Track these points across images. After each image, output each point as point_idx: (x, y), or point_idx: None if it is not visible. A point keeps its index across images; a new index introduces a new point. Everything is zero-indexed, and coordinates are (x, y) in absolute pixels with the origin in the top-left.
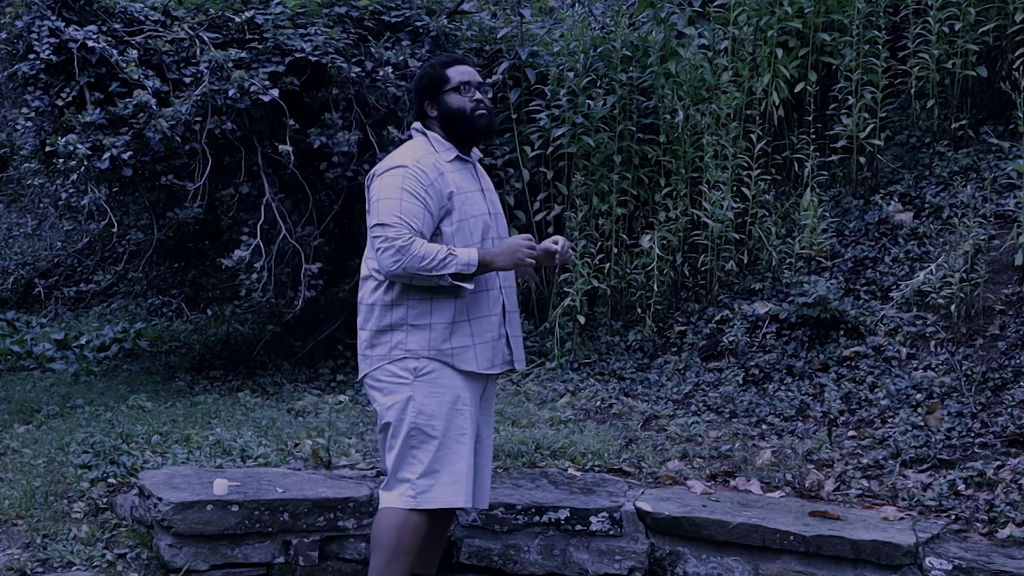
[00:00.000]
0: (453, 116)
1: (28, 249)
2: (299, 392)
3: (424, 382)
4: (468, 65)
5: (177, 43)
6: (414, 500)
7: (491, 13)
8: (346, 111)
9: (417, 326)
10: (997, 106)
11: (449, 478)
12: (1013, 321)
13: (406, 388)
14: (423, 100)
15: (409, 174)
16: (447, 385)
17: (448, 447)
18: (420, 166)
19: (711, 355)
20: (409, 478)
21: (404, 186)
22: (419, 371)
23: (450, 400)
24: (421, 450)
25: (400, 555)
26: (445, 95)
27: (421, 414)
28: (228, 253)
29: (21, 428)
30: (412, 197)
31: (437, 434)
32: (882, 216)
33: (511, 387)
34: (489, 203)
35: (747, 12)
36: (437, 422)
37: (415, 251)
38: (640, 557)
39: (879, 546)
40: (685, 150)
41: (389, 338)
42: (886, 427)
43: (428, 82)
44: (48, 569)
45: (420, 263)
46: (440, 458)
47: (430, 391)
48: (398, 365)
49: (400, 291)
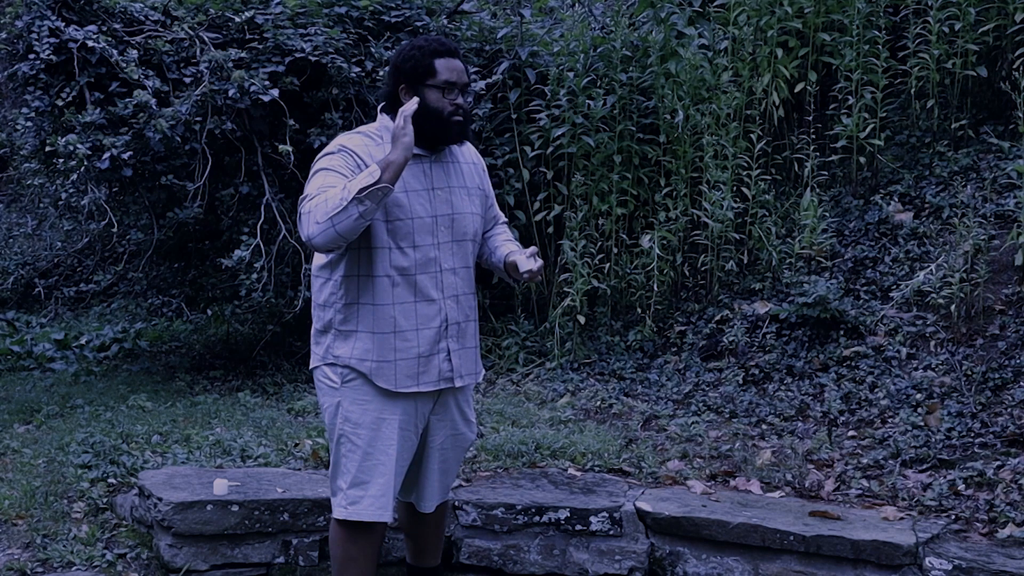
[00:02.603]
0: (426, 113)
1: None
2: (299, 392)
3: (350, 389)
4: (459, 59)
5: (177, 43)
6: (345, 511)
7: (491, 13)
8: (346, 111)
9: (343, 332)
10: (997, 106)
11: (376, 491)
12: (1013, 321)
13: (336, 393)
14: (399, 83)
15: (335, 157)
16: (373, 395)
17: (374, 458)
18: (348, 148)
19: (711, 355)
20: (342, 487)
21: (323, 166)
22: (345, 377)
23: (375, 410)
24: (348, 459)
25: (348, 563)
26: (426, 88)
27: (347, 422)
28: (228, 253)
29: (21, 428)
30: (329, 172)
31: (362, 443)
32: (882, 216)
33: (511, 387)
34: (444, 203)
35: (747, 12)
36: (363, 431)
37: (314, 204)
38: (640, 557)
39: (879, 546)
40: (685, 150)
41: (324, 339)
42: (886, 427)
43: (411, 67)
44: (48, 569)
45: (326, 204)
46: (368, 469)
47: (356, 399)
48: (330, 369)
49: (329, 293)
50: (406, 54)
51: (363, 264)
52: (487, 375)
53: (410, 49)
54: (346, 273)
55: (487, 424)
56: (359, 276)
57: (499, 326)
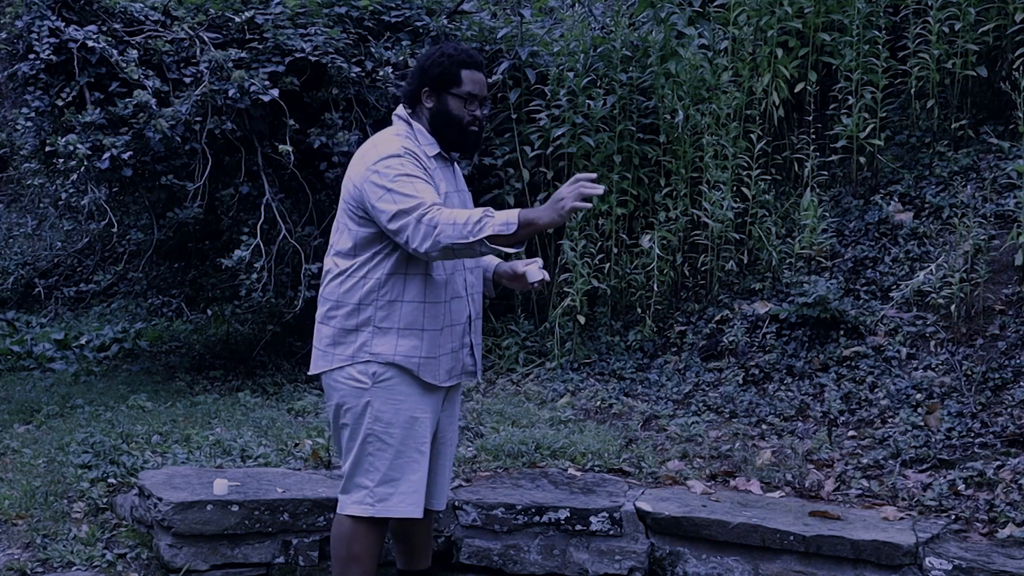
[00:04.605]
0: (446, 119)
1: (28, 249)
2: (299, 392)
3: (382, 388)
4: (483, 72)
5: (177, 43)
6: (372, 508)
7: (491, 13)
8: (346, 111)
9: (383, 329)
10: (997, 106)
11: (407, 487)
12: (1013, 321)
13: (365, 393)
14: (424, 86)
15: (405, 161)
16: (406, 393)
17: (407, 455)
18: (412, 152)
19: (711, 355)
20: (367, 485)
21: (405, 171)
22: (378, 377)
23: (409, 408)
24: (378, 458)
25: (352, 562)
26: (449, 95)
27: (378, 421)
28: (228, 253)
29: (21, 428)
30: (415, 178)
31: (394, 442)
32: (882, 216)
33: (511, 387)
34: (463, 204)
35: (747, 12)
36: (395, 430)
37: (444, 219)
38: (640, 557)
39: (879, 546)
40: (685, 150)
41: (354, 339)
42: (886, 427)
43: (438, 73)
44: (48, 569)
45: (453, 230)
46: (399, 466)
47: (388, 398)
48: (358, 368)
49: (368, 291)
50: (435, 59)
51: (410, 263)
52: (487, 375)
53: (439, 55)
54: (391, 271)
55: (487, 424)
56: (405, 275)
57: (499, 326)
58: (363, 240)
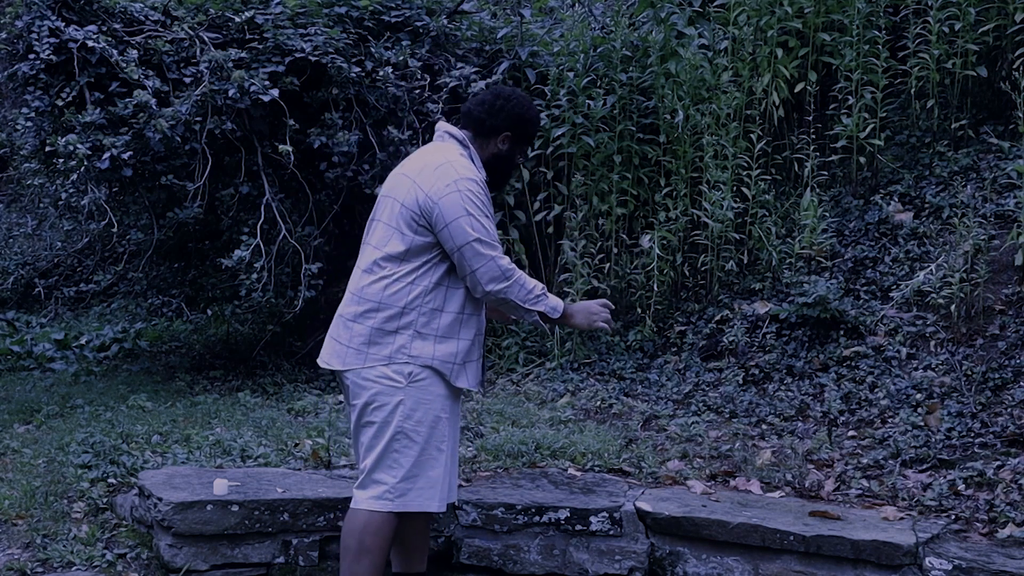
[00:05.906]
0: (504, 163)
1: (28, 249)
2: (299, 392)
3: (416, 388)
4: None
5: (177, 43)
6: (391, 503)
7: (491, 13)
8: (346, 111)
9: (423, 334)
10: (997, 106)
11: (426, 483)
12: (1013, 321)
13: (398, 392)
14: (508, 131)
15: (482, 190)
16: (436, 394)
17: (429, 453)
18: (482, 182)
19: (711, 355)
20: (388, 481)
21: (482, 202)
22: (413, 377)
23: (437, 408)
24: (403, 454)
25: (364, 555)
26: (517, 144)
27: (408, 419)
28: (228, 253)
29: (21, 428)
30: (489, 217)
31: (420, 440)
32: (882, 216)
33: (511, 387)
34: None
35: (747, 12)
36: (422, 428)
37: (521, 281)
38: (640, 557)
39: (879, 546)
40: (685, 150)
41: (392, 340)
42: (886, 427)
43: (523, 127)
44: (48, 569)
45: (520, 290)
46: (421, 463)
47: (420, 398)
48: (393, 368)
49: (414, 297)
50: (532, 116)
51: (453, 275)
52: (487, 375)
53: (535, 113)
54: (438, 281)
55: (487, 424)
56: (448, 287)
57: (499, 326)
58: (417, 247)
